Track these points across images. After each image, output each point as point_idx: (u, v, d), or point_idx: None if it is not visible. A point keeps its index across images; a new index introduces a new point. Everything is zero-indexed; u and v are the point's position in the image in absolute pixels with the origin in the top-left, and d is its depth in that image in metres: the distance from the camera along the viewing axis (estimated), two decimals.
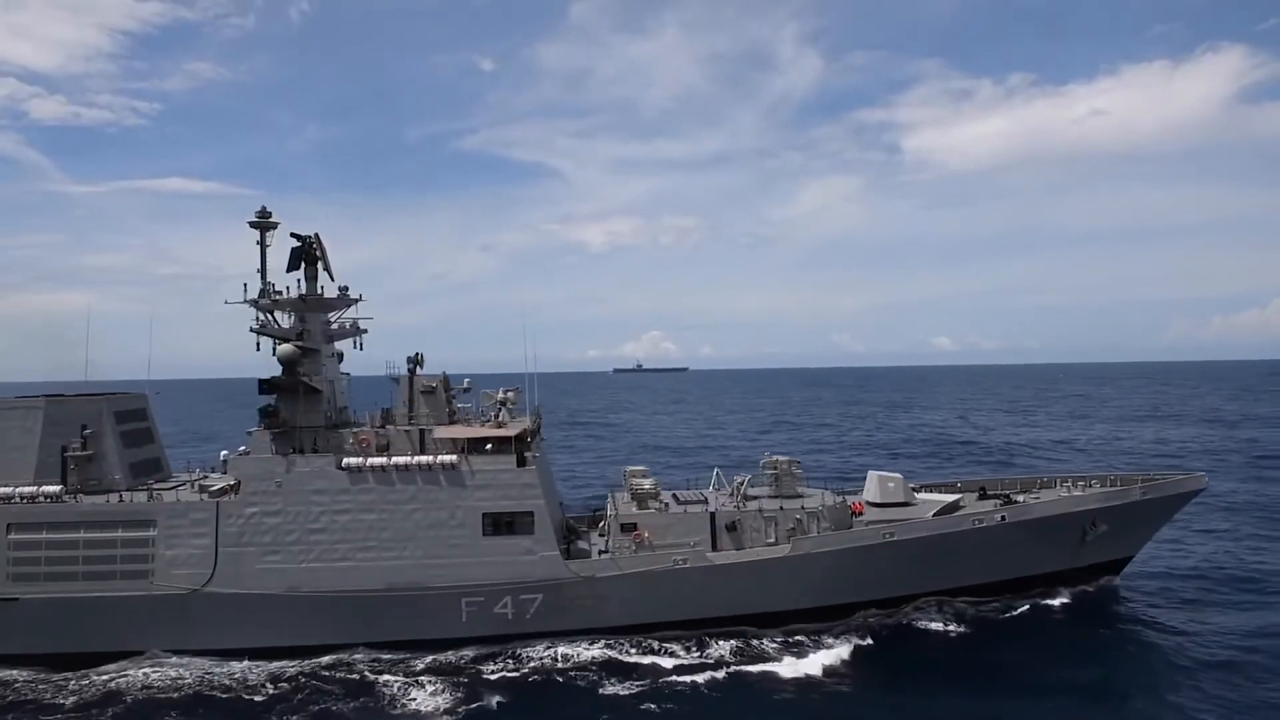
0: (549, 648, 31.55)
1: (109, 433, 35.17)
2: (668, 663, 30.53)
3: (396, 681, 29.40)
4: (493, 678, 29.68)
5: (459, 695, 28.32)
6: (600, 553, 34.28)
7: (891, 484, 38.33)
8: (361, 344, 39.20)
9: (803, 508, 34.71)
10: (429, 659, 31.01)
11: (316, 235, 37.17)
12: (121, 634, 31.52)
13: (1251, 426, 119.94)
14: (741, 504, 35.10)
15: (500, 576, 32.13)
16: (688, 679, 29.25)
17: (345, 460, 32.72)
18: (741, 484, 36.73)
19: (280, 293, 36.48)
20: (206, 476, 37.92)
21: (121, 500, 32.98)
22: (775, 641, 32.20)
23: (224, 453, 40.41)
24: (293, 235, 36.92)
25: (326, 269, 37.38)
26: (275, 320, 36.61)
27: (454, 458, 32.86)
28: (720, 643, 32.02)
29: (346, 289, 37.65)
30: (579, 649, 31.51)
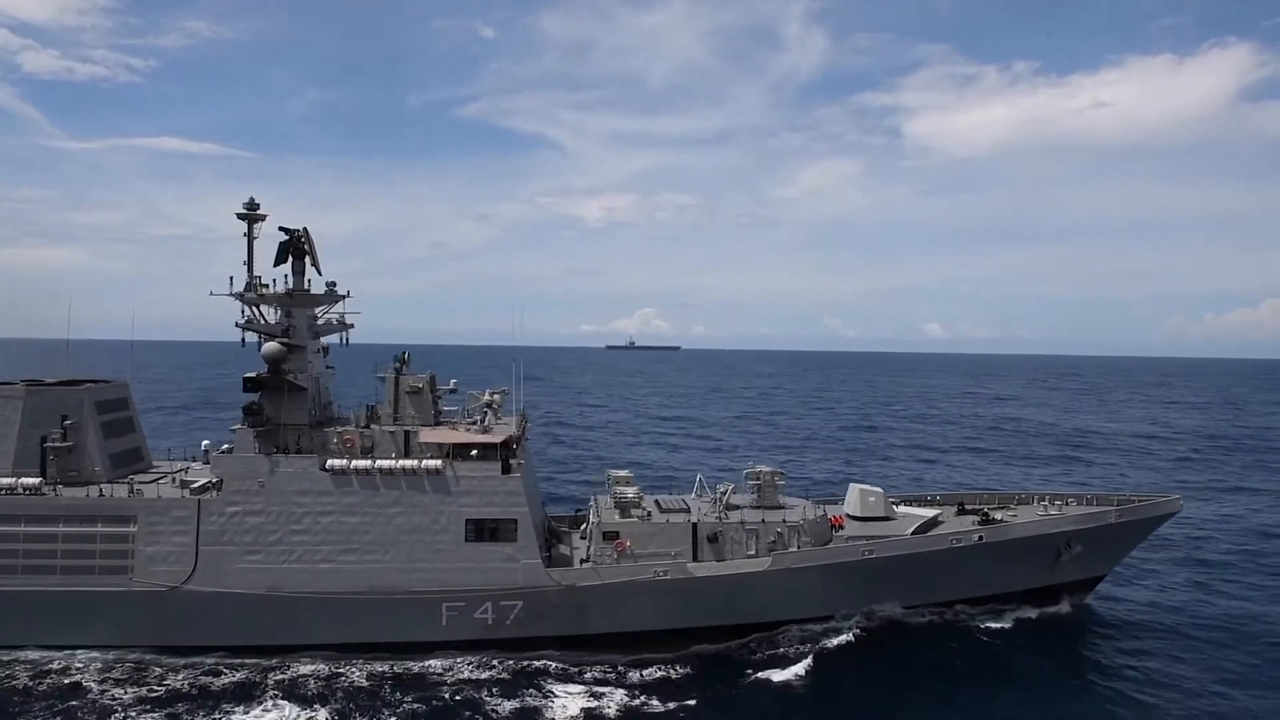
0: (526, 655, 31.74)
1: (90, 423, 34.76)
2: (643, 672, 30.79)
3: (369, 683, 29.58)
4: (469, 681, 29.91)
5: (435, 700, 28.50)
6: (582, 561, 34.45)
7: (872, 498, 38.59)
8: (348, 339, 39.02)
9: (784, 520, 34.89)
10: (406, 662, 31.09)
11: (305, 229, 36.82)
12: (99, 630, 31.50)
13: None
14: (724, 514, 35.27)
15: (482, 583, 32.24)
16: (663, 688, 29.59)
17: (329, 462, 32.63)
18: (725, 493, 36.90)
19: (266, 286, 36.19)
20: (188, 469, 37.75)
21: (102, 494, 32.78)
22: (750, 648, 32.85)
23: (205, 443, 40.34)
24: (281, 229, 36.57)
25: (315, 263, 37.05)
26: (261, 314, 36.32)
27: (439, 463, 32.81)
28: (698, 650, 32.55)
29: (334, 284, 37.37)
30: (554, 657, 31.72)
